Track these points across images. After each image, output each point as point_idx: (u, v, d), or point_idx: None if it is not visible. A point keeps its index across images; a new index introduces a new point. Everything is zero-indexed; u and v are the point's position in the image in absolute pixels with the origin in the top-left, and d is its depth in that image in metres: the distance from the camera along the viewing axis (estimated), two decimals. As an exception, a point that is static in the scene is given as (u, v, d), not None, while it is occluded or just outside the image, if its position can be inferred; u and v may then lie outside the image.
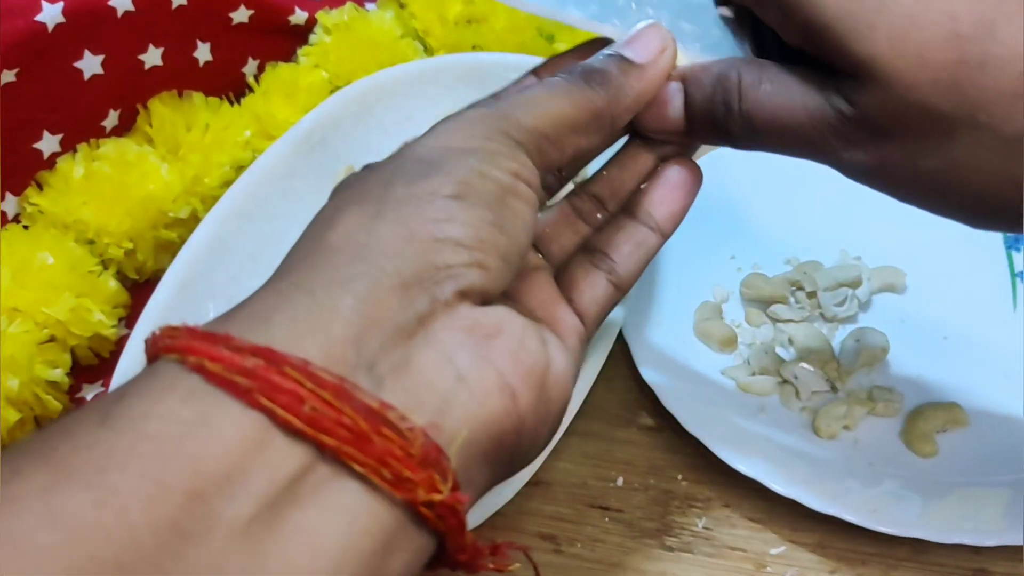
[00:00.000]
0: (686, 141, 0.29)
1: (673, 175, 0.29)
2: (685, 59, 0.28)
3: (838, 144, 0.25)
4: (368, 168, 0.24)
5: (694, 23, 0.28)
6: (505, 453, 0.21)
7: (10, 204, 0.46)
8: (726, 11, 0.29)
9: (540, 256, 0.29)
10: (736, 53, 0.29)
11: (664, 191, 0.29)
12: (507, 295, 0.25)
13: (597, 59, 0.27)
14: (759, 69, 0.26)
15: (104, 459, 0.17)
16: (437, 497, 0.18)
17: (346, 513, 0.18)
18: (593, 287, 0.28)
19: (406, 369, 0.20)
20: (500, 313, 0.22)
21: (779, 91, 0.26)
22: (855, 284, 0.43)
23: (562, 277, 0.28)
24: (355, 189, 0.23)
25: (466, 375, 0.20)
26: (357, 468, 0.18)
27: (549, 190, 0.30)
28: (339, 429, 0.18)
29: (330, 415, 0.18)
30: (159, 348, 0.19)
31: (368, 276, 0.20)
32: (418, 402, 0.19)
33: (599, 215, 0.30)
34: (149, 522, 0.16)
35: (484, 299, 0.22)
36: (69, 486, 0.16)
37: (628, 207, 0.29)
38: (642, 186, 0.29)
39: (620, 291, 0.29)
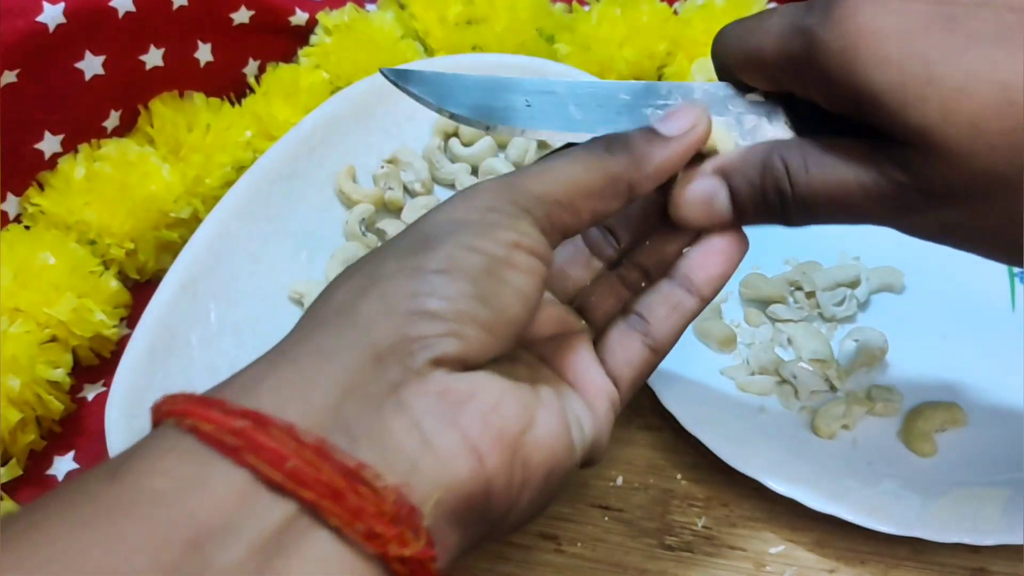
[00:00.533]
0: (736, 229, 0.29)
1: (716, 240, 0.29)
2: (726, 139, 0.28)
3: (897, 212, 0.25)
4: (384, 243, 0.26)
5: (727, 115, 0.28)
6: (475, 514, 0.22)
7: (11, 204, 0.46)
8: (756, 96, 0.29)
9: (583, 322, 0.29)
10: (774, 135, 0.28)
11: (705, 255, 0.29)
12: (543, 358, 0.27)
13: (626, 131, 0.27)
14: (801, 151, 0.26)
15: (113, 511, 0.18)
16: (407, 552, 0.19)
17: (324, 563, 0.19)
18: (627, 349, 0.28)
19: (379, 433, 0.21)
20: (476, 379, 0.23)
21: (828, 171, 0.25)
22: (854, 284, 0.43)
23: (600, 340, 0.29)
24: (359, 263, 0.24)
25: (431, 439, 0.21)
26: (333, 521, 0.19)
27: (608, 261, 0.31)
28: (318, 485, 0.19)
29: (309, 472, 0.19)
30: (161, 413, 0.21)
31: (346, 348, 0.22)
32: (388, 464, 0.20)
33: (643, 284, 0.30)
34: (153, 567, 0.18)
35: (466, 365, 0.23)
36: (84, 533, 0.18)
37: (668, 271, 0.29)
38: (684, 251, 0.29)
39: (656, 353, 0.29)
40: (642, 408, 0.40)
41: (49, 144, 0.46)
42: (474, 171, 0.49)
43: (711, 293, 0.29)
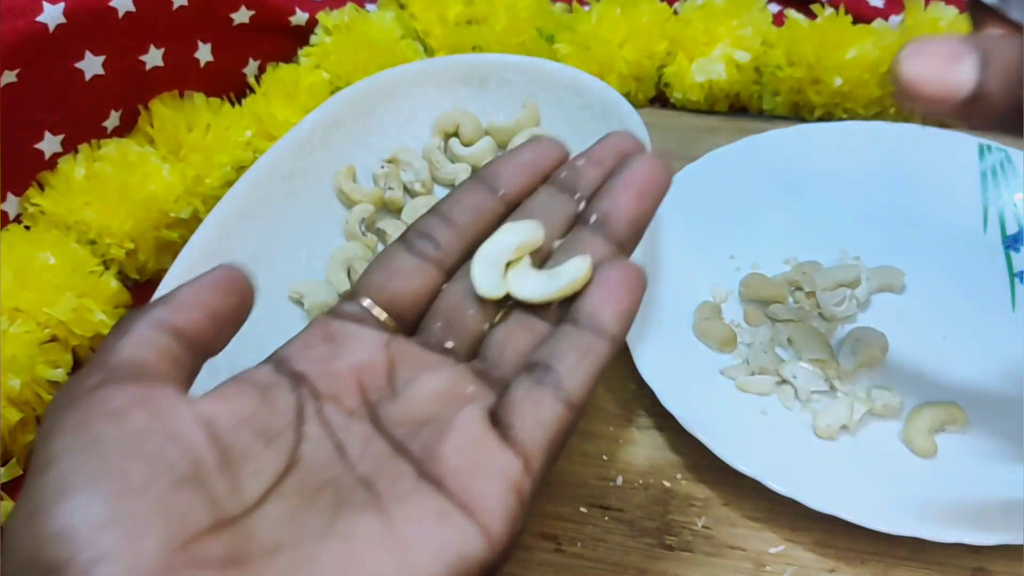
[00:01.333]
0: (959, 115, 0.23)
1: (613, 274, 0.25)
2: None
3: None
4: None
5: None
6: None
7: (11, 204, 0.46)
8: None
9: (471, 387, 0.25)
10: None
11: (607, 290, 0.25)
12: (424, 460, 0.23)
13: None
14: None
15: None
16: None
17: None
18: (537, 406, 0.23)
19: None
20: None
21: None
22: (854, 284, 0.43)
23: (503, 401, 0.24)
24: None
25: None
26: None
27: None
28: None
29: None
30: None
31: None
32: None
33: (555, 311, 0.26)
34: None
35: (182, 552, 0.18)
36: None
37: (570, 315, 0.26)
38: (585, 292, 0.26)
39: (572, 408, 0.24)
40: (642, 408, 0.40)
41: (49, 144, 0.46)
42: (474, 171, 0.49)
43: (621, 331, 0.25)
